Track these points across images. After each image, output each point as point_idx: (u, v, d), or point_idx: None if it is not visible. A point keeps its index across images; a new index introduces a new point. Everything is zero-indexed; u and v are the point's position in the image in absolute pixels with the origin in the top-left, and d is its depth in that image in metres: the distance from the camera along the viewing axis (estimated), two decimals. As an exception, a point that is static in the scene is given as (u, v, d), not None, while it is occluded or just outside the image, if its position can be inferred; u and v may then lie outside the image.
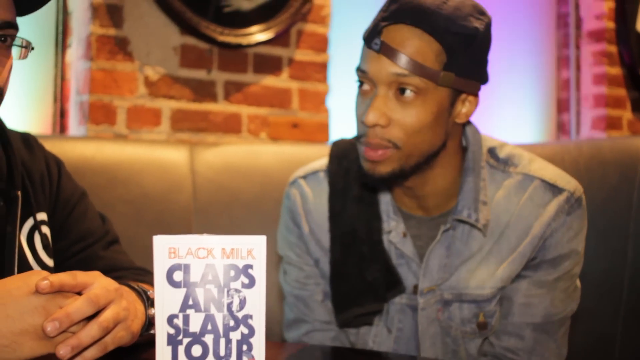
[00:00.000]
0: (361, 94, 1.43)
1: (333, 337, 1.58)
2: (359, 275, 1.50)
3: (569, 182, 1.48)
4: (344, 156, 1.58)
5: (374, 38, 1.38)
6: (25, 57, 1.27)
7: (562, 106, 3.66)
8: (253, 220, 2.19)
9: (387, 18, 1.37)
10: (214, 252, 0.93)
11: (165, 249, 0.92)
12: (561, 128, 3.64)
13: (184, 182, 2.19)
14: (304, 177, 1.62)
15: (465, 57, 1.37)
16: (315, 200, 1.58)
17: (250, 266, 0.93)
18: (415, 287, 1.51)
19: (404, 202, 1.53)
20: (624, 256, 1.81)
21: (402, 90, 1.37)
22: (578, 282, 1.53)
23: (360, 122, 1.42)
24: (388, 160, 1.39)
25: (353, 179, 1.54)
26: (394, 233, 1.51)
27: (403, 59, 1.34)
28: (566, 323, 1.51)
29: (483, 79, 1.45)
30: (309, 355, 1.38)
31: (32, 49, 1.27)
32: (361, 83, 1.42)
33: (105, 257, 1.43)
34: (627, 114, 3.60)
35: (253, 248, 0.93)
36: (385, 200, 1.53)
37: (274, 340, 1.92)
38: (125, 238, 1.56)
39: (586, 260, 1.85)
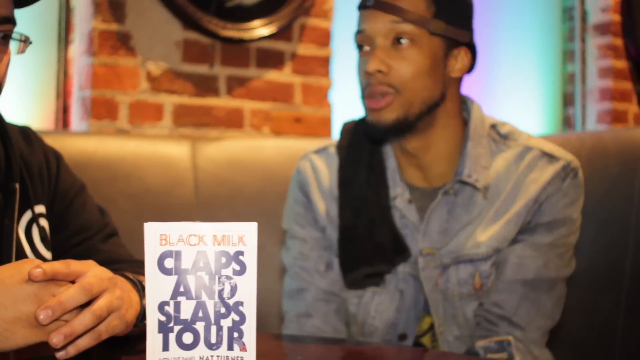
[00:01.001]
0: (362, 56, 1.55)
1: (336, 310, 1.63)
2: (368, 237, 1.57)
3: (566, 154, 1.56)
4: (353, 130, 1.67)
5: None
6: (23, 51, 1.27)
7: (567, 100, 3.64)
8: (255, 215, 2.19)
9: None
10: (205, 239, 0.92)
11: (157, 236, 0.92)
12: (567, 122, 3.63)
13: (185, 176, 2.19)
14: (316, 152, 1.71)
15: (452, 7, 1.51)
16: (326, 171, 1.67)
17: (242, 253, 0.93)
18: (417, 254, 1.57)
19: (408, 173, 1.61)
20: (625, 247, 1.80)
21: (398, 40, 1.49)
22: (573, 262, 1.57)
23: (363, 76, 1.52)
24: (392, 107, 1.50)
25: (362, 149, 1.63)
26: (400, 199, 1.58)
27: (396, 9, 1.48)
28: (559, 286, 1.55)
29: (471, 33, 1.56)
30: (307, 349, 1.38)
31: (30, 43, 1.27)
32: (361, 47, 1.54)
33: (103, 250, 1.43)
34: (633, 108, 3.58)
35: (244, 235, 0.93)
36: (391, 168, 1.61)
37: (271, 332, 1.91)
38: (127, 233, 1.56)
39: (587, 252, 1.84)
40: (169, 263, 0.92)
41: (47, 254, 1.35)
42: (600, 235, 1.86)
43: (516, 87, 3.52)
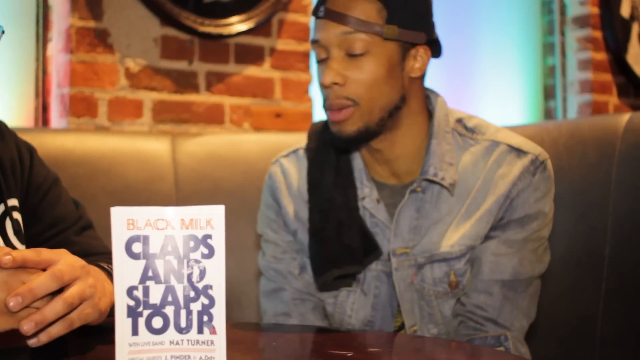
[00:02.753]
0: (319, 64, 1.53)
1: (313, 308, 1.64)
2: (337, 239, 1.56)
3: (534, 147, 1.54)
4: (320, 131, 1.66)
5: (320, 7, 1.50)
6: None
7: (548, 93, 3.66)
8: (236, 209, 2.18)
9: None
10: (172, 223, 0.92)
11: (124, 221, 0.91)
12: (548, 114, 3.65)
13: (166, 172, 2.19)
14: (285, 156, 1.71)
15: (404, 10, 1.48)
16: (296, 175, 1.67)
17: (210, 236, 0.92)
18: (390, 255, 1.56)
19: (376, 170, 1.60)
20: (604, 234, 1.81)
21: (352, 50, 1.46)
22: (547, 256, 1.57)
23: (321, 87, 1.51)
24: (352, 119, 1.48)
25: (329, 151, 1.62)
26: (368, 199, 1.58)
27: (347, 19, 1.45)
28: (534, 283, 1.55)
29: (429, 31, 1.53)
30: (284, 336, 1.38)
31: (3, 32, 1.27)
32: (318, 54, 1.53)
33: (78, 242, 1.42)
34: (613, 99, 3.60)
35: (212, 218, 0.93)
36: (358, 168, 1.60)
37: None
38: (107, 229, 1.54)
39: (566, 238, 1.85)
40: (136, 247, 0.91)
41: (21, 247, 1.34)
42: (579, 222, 1.87)
43: (497, 81, 3.53)
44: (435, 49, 1.57)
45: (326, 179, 1.60)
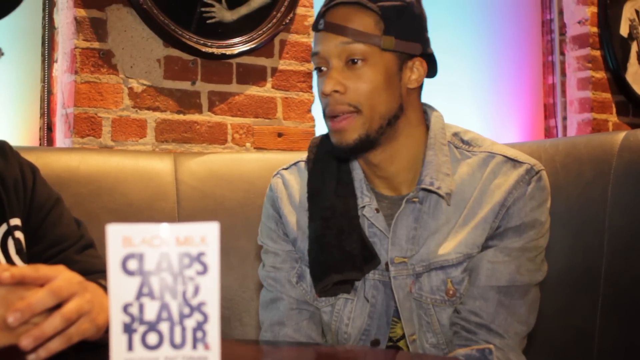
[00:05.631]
0: (320, 77, 1.57)
1: (308, 318, 1.67)
2: (338, 246, 1.58)
3: (529, 159, 1.57)
4: (320, 144, 1.70)
5: (319, 20, 1.55)
6: None
7: (549, 111, 3.68)
8: (237, 228, 2.21)
9: (327, 3, 1.56)
10: (168, 241, 0.94)
11: (119, 238, 0.93)
12: (548, 133, 3.66)
13: (168, 191, 2.21)
14: (286, 168, 1.75)
15: (401, 23, 1.53)
16: (297, 185, 1.70)
17: (204, 253, 0.94)
18: (388, 264, 1.58)
19: (375, 183, 1.63)
20: (600, 250, 1.82)
21: (352, 61, 1.51)
22: (545, 266, 1.58)
23: (322, 96, 1.55)
24: (353, 127, 1.52)
25: (330, 162, 1.65)
26: (368, 208, 1.60)
27: (346, 30, 1.51)
28: (532, 291, 1.55)
29: (424, 44, 1.58)
30: (281, 352, 1.39)
31: (2, 54, 1.30)
32: (319, 69, 1.57)
33: (79, 261, 1.44)
34: (612, 118, 3.62)
35: (206, 235, 0.94)
36: (358, 179, 1.63)
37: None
38: (110, 247, 1.57)
39: (563, 255, 1.87)
40: (132, 265, 0.93)
41: (23, 266, 1.36)
42: (576, 239, 1.89)
43: (499, 99, 3.55)
44: (431, 67, 1.60)
45: (327, 187, 1.63)
